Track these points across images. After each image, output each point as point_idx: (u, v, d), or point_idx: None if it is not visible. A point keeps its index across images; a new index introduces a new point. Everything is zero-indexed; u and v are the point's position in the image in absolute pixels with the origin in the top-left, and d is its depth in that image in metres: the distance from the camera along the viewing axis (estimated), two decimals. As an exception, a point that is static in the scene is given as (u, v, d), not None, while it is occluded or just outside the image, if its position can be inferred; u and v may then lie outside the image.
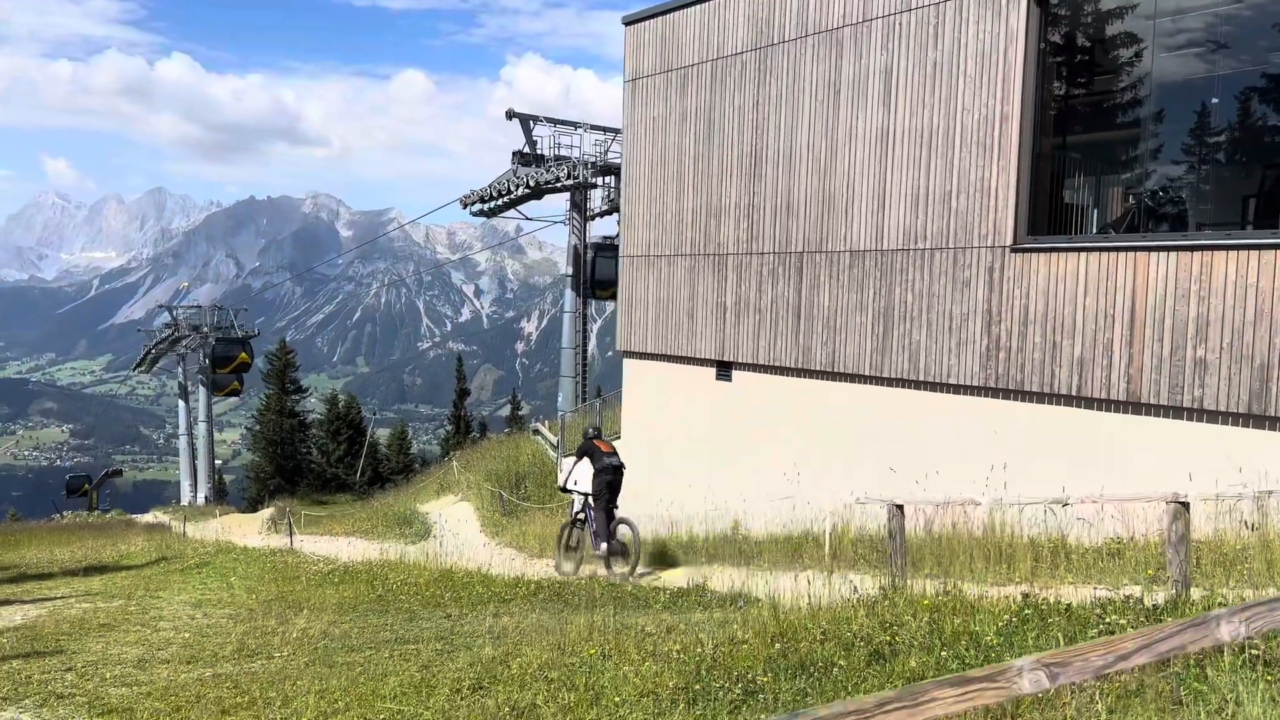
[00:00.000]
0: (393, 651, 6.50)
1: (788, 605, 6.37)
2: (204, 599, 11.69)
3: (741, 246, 16.49)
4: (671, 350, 17.84)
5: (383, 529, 24.27)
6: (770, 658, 5.15)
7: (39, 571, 17.04)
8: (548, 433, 31.34)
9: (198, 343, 54.30)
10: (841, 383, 15.11)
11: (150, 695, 5.53)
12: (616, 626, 6.20)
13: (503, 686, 5.15)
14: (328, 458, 55.25)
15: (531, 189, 34.11)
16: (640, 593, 9.67)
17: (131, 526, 33.62)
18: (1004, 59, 13.28)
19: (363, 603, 10.60)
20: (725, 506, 15.05)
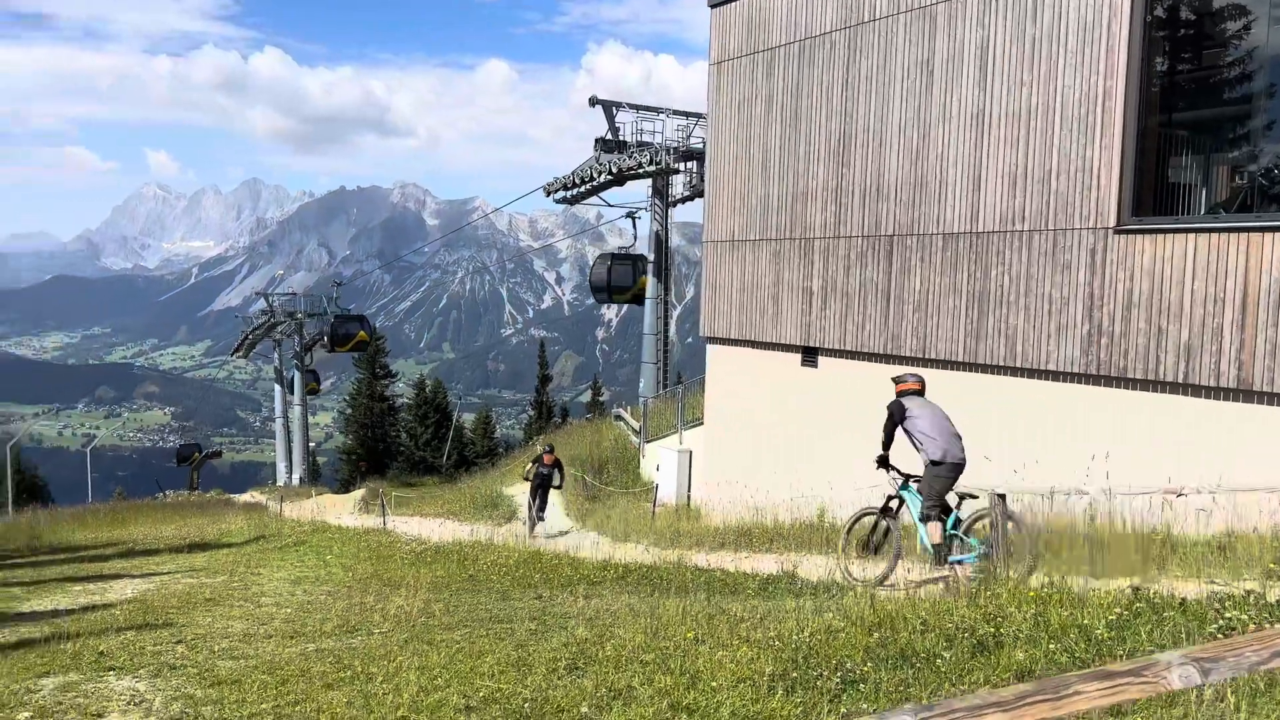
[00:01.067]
0: (488, 630, 6.58)
1: (884, 594, 6.24)
2: (303, 576, 12.05)
3: (829, 230, 16.22)
4: (755, 336, 17.67)
5: (470, 511, 24.69)
6: (869, 647, 5.04)
7: (146, 548, 17.80)
8: (630, 418, 31.44)
9: (292, 329, 56.04)
10: (933, 369, 14.75)
11: (257, 668, 5.71)
12: (709, 612, 6.16)
13: (598, 667, 5.16)
14: (415, 441, 56.56)
15: (614, 175, 34.13)
16: (730, 579, 9.61)
17: (230, 506, 34.88)
18: (1107, 33, 12.75)
19: (455, 582, 10.78)
20: (812, 494, 14.86)
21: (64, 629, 7.21)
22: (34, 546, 19.58)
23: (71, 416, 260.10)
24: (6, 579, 12.23)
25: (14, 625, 7.85)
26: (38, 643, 6.62)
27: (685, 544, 14.44)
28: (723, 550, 13.26)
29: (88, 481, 53.29)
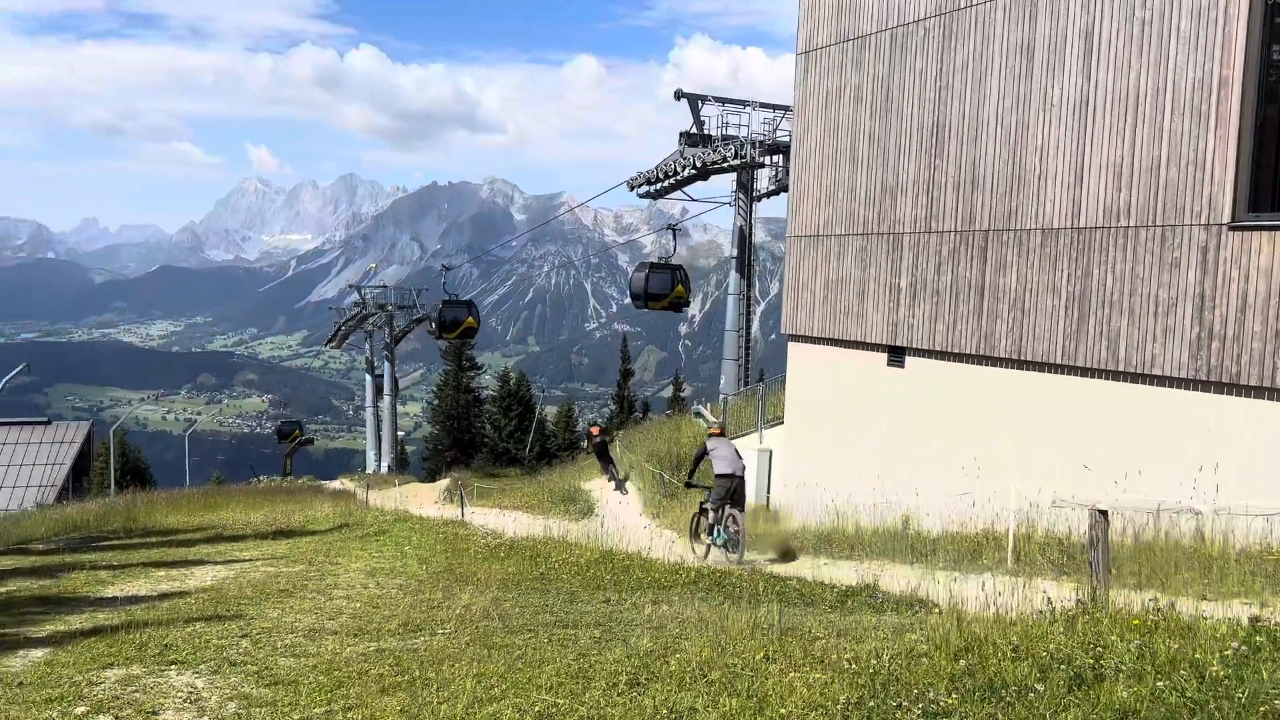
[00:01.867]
0: (551, 636, 6.37)
1: (972, 615, 5.81)
2: (378, 568, 12.08)
3: (919, 225, 15.62)
4: (840, 334, 17.15)
5: (548, 505, 24.70)
6: (955, 675, 4.65)
7: (233, 533, 18.17)
8: (710, 415, 31.06)
9: (383, 321, 57.23)
10: (1028, 371, 14.07)
11: (315, 668, 5.60)
12: (781, 626, 5.83)
13: (660, 685, 4.89)
14: (499, 432, 57.24)
15: (698, 169, 33.76)
16: (805, 589, 9.23)
17: (320, 492, 35.64)
18: (1223, 16, 11.92)
19: (525, 580, 10.64)
20: (896, 499, 14.33)
21: (137, 617, 7.27)
22: (129, 529, 20.23)
23: (175, 402, 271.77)
24: (96, 561, 12.56)
25: (93, 611, 7.97)
26: (110, 631, 6.67)
27: (761, 547, 14.08)
28: (801, 555, 12.87)
29: (185, 465, 55.34)
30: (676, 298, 33.15)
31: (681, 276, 34.16)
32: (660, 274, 33.96)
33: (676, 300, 34.45)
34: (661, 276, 33.85)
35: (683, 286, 35.33)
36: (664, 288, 33.68)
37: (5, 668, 5.77)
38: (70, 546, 16.33)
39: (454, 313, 42.74)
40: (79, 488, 35.69)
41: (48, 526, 21.51)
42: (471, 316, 42.70)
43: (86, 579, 10.43)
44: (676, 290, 34.08)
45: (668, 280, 34.00)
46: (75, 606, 8.28)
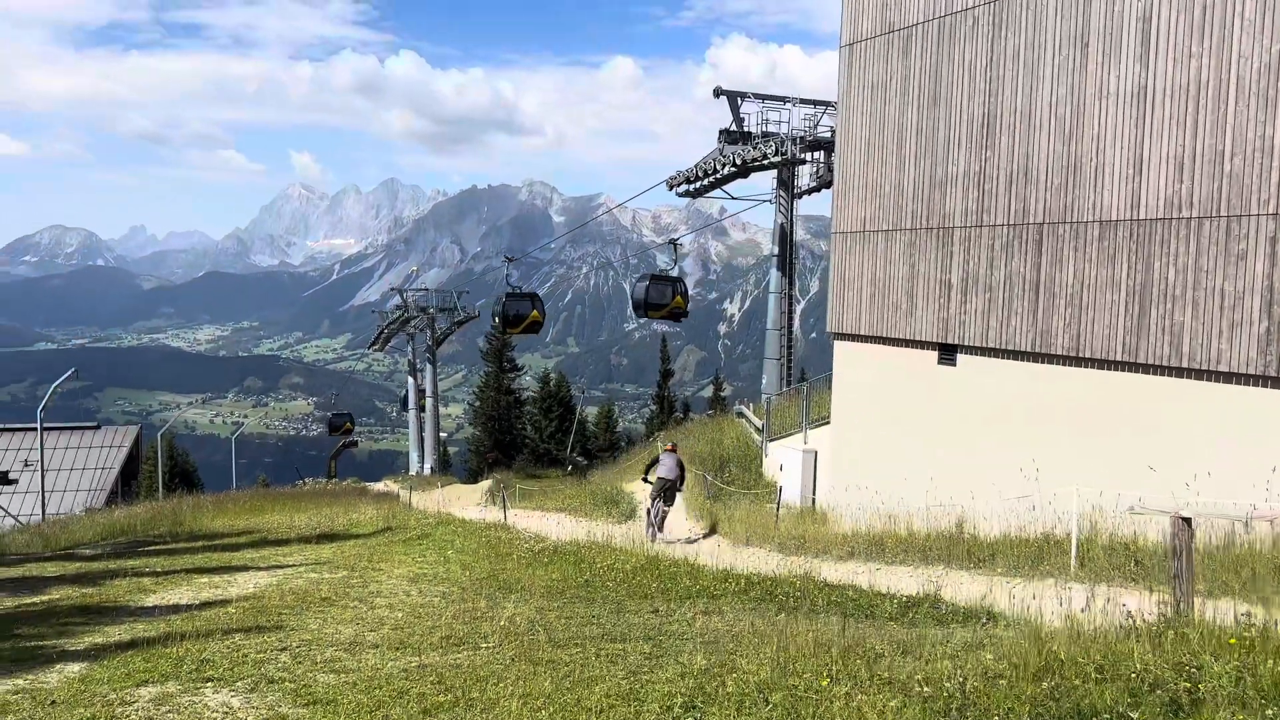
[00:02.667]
0: (599, 651, 6.10)
1: (1046, 629, 5.44)
2: (421, 574, 11.91)
3: (970, 219, 15.14)
4: (888, 332, 16.71)
5: (590, 507, 24.46)
6: (1036, 699, 4.30)
7: (278, 538, 18.16)
8: (752, 415, 30.67)
9: (424, 323, 57.50)
10: (1087, 368, 13.56)
11: (355, 686, 5.38)
12: (844, 643, 5.50)
13: (718, 709, 4.59)
14: (540, 433, 57.21)
15: (737, 167, 33.37)
16: (863, 599, 8.86)
17: (364, 494, 35.80)
18: (1291, -4, 11.39)
19: (570, 587, 10.40)
20: (950, 502, 13.87)
21: (177, 628, 7.12)
22: (175, 533, 20.35)
23: (222, 405, 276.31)
24: (140, 568, 12.55)
25: (133, 621, 7.86)
26: (148, 644, 6.51)
27: (811, 551, 13.70)
28: (853, 560, 12.47)
29: (231, 468, 56.01)
30: (675, 308, 34.10)
31: (681, 289, 34.92)
32: (659, 285, 34.73)
33: (675, 310, 35.60)
34: (660, 288, 34.64)
35: (681, 298, 35.83)
36: (663, 298, 34.89)
37: (40, 684, 5.63)
38: (116, 551, 16.40)
39: (517, 306, 39.96)
40: (128, 491, 36.15)
41: (95, 531, 21.72)
42: (536, 310, 39.47)
43: (129, 586, 10.37)
44: (675, 301, 35.27)
45: (667, 291, 35.09)
46: (115, 616, 8.17)
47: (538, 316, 38.84)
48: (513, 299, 39.61)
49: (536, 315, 38.71)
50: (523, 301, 39.18)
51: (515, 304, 39.35)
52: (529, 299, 40.18)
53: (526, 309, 39.16)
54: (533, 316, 38.80)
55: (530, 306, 39.96)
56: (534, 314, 38.59)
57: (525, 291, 40.67)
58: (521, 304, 39.83)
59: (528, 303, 39.84)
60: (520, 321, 39.16)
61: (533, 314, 38.56)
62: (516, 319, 39.39)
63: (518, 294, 39.87)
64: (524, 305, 38.89)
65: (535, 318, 38.94)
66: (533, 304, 39.66)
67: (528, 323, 38.94)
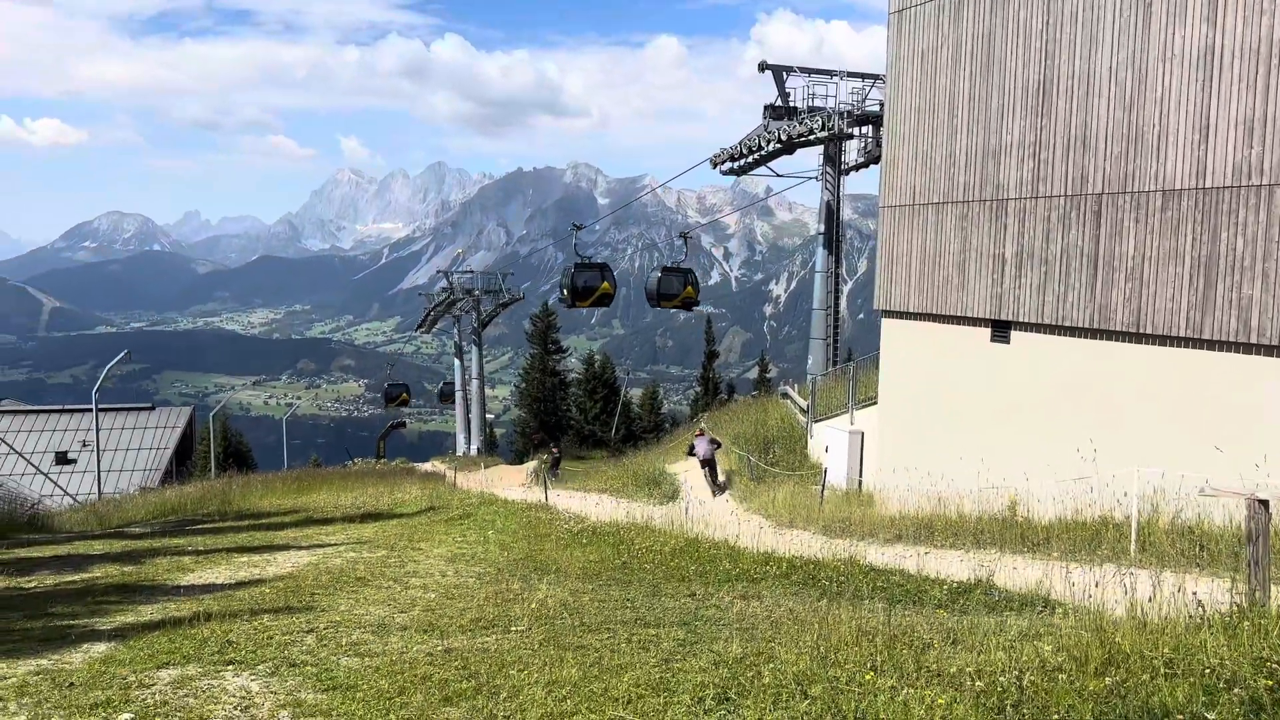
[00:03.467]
0: (630, 636, 5.85)
1: (1109, 619, 5.07)
2: (460, 554, 11.78)
3: (1025, 190, 14.57)
4: (938, 309, 16.21)
5: (632, 488, 24.27)
6: (1100, 697, 3.96)
7: (323, 517, 18.24)
8: (797, 396, 30.24)
9: (470, 305, 57.67)
10: (1148, 345, 12.98)
11: (378, 671, 5.19)
12: (889, 632, 5.19)
13: (753, 701, 4.31)
14: (585, 415, 57.27)
15: (783, 143, 32.78)
16: (911, 584, 8.50)
17: (410, 474, 36.00)
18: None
19: (607, 569, 10.18)
20: (1002, 484, 13.41)
21: (208, 608, 7.02)
22: (224, 512, 20.56)
23: (276, 387, 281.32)
24: (183, 546, 12.59)
25: (166, 600, 7.80)
26: (175, 624, 6.41)
27: (856, 534, 13.34)
28: (900, 544, 12.09)
29: (284, 449, 56.82)
30: (686, 298, 34.84)
31: (691, 279, 35.20)
32: (671, 276, 35.38)
33: (686, 300, 35.74)
34: (671, 279, 35.25)
35: (691, 288, 35.51)
36: (674, 289, 35.39)
37: (64, 664, 5.53)
38: (164, 530, 16.56)
39: (586, 277, 37.15)
40: (182, 471, 36.75)
41: (147, 510, 22.04)
42: (607, 281, 36.50)
43: (168, 565, 10.36)
44: (686, 291, 35.49)
45: (678, 282, 35.33)
46: (150, 595, 8.12)
47: (608, 288, 36.14)
48: (581, 269, 36.17)
49: (607, 287, 36.03)
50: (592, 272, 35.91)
51: (584, 275, 35.97)
52: (598, 270, 36.41)
53: (596, 280, 36.53)
54: (603, 288, 36.14)
55: (600, 278, 36.51)
56: (604, 285, 35.87)
57: (595, 262, 37.79)
58: (590, 275, 37.05)
59: (597, 274, 36.37)
60: (590, 294, 36.38)
61: (603, 285, 35.88)
62: (585, 291, 36.61)
63: (587, 264, 36.66)
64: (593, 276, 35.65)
65: (606, 289, 36.24)
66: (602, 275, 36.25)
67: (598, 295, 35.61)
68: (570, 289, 35.98)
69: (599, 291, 36.51)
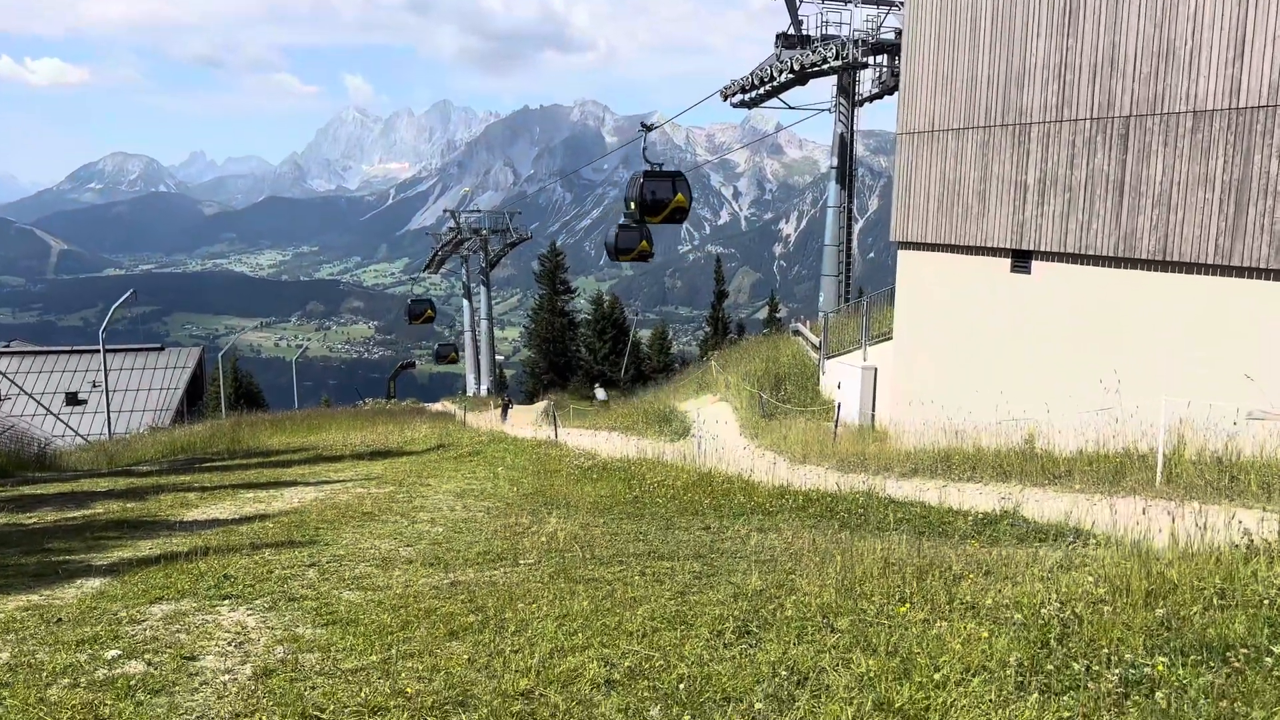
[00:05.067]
0: (644, 569, 5.61)
1: (1149, 550, 4.80)
2: (468, 489, 11.61)
3: (1049, 113, 14.01)
4: (957, 239, 15.75)
5: (643, 425, 24.10)
6: (1151, 629, 3.69)
7: (332, 454, 18.11)
8: (809, 333, 29.87)
9: (477, 245, 57.17)
10: (1175, 273, 12.55)
11: (380, 605, 4.97)
12: (917, 564, 4.92)
13: (775, 634, 4.07)
14: (594, 355, 57.06)
15: (796, 73, 31.92)
16: (934, 515, 8.25)
17: (421, 414, 35.91)
18: None
19: (618, 503, 9.97)
20: (1021, 417, 13.11)
21: (208, 543, 6.82)
22: (232, 450, 20.47)
23: (286, 329, 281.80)
24: (189, 483, 12.45)
25: (167, 536, 7.60)
26: (171, 559, 6.21)
27: (872, 469, 13.10)
28: (916, 478, 11.84)
29: (294, 389, 56.87)
30: (676, 207, 28.89)
31: (682, 185, 28.75)
32: (627, 232, 30.70)
33: (642, 253, 31.48)
34: (629, 234, 30.81)
35: (646, 242, 31.68)
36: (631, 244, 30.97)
37: (55, 600, 5.32)
38: (172, 468, 16.45)
39: (658, 188, 30.69)
40: (193, 412, 36.74)
41: (157, 448, 21.98)
42: (681, 193, 30.29)
43: (172, 501, 10.19)
44: (641, 245, 31.22)
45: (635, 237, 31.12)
46: (151, 531, 7.93)
47: (683, 201, 30.06)
48: (652, 179, 30.57)
49: (682, 199, 29.93)
50: (663, 182, 30.29)
51: (655, 185, 30.25)
52: (670, 180, 30.41)
53: (669, 192, 30.22)
54: (677, 201, 29.94)
55: (673, 189, 30.79)
56: (679, 198, 29.77)
57: (667, 170, 31.21)
58: (662, 185, 30.70)
59: (669, 184, 30.96)
60: (661, 208, 30.17)
61: (677, 198, 29.76)
62: (656, 205, 30.38)
63: (657, 173, 30.89)
64: (665, 187, 30.18)
65: (680, 202, 30.03)
66: (675, 186, 30.62)
67: (671, 209, 29.45)
68: (639, 202, 29.65)
69: (672, 205, 30.02)
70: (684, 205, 30.14)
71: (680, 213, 30.13)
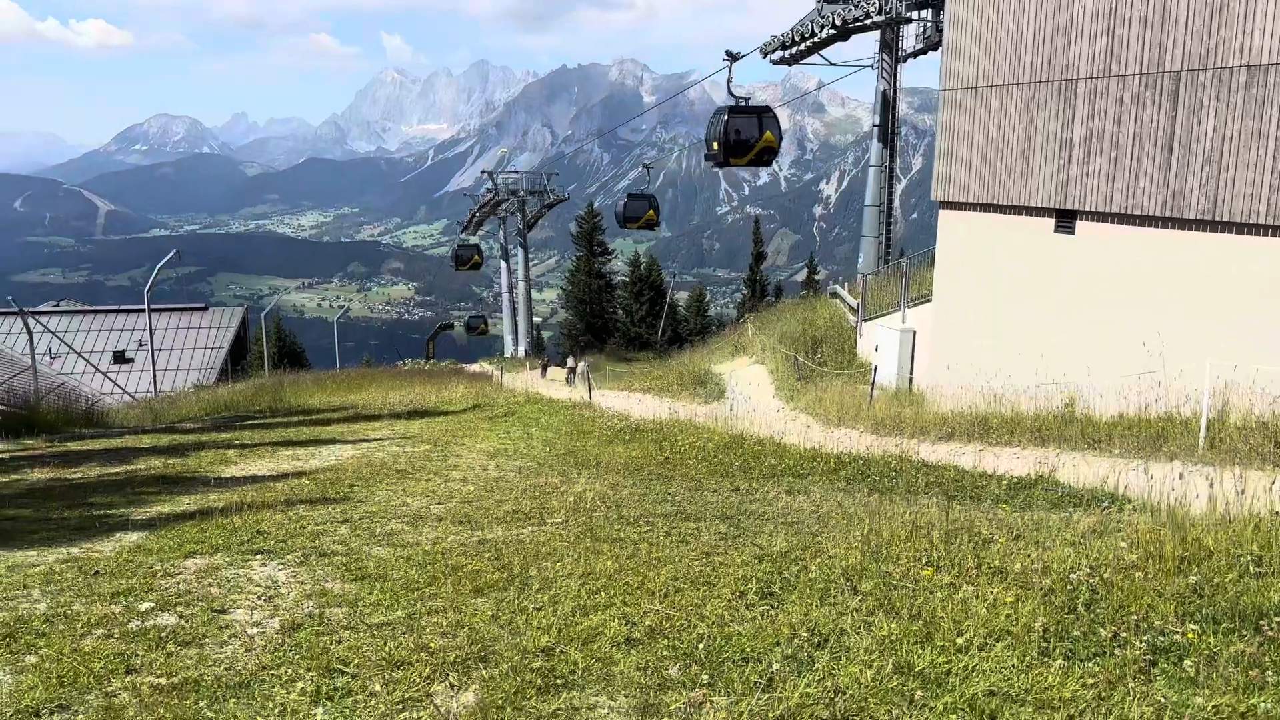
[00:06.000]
0: (670, 529, 5.62)
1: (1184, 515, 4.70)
2: (501, 449, 11.70)
3: (1097, 69, 13.60)
4: (999, 199, 15.42)
5: (677, 387, 24.09)
6: (1183, 596, 3.62)
7: (370, 413, 18.33)
8: (847, 295, 29.56)
9: (515, 207, 57.16)
10: (1225, 234, 12.20)
11: (409, 561, 5.03)
12: (945, 528, 4.87)
13: (798, 596, 4.05)
14: (631, 317, 57.01)
15: (837, 29, 31.29)
16: (966, 479, 8.16)
17: (459, 374, 36.24)
18: None
19: (649, 465, 9.99)
20: (1062, 380, 12.89)
21: (244, 499, 6.94)
22: (275, 408, 20.79)
23: (328, 290, 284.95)
24: (230, 440, 12.67)
25: (205, 492, 7.75)
26: (209, 514, 6.33)
27: (907, 432, 12.99)
28: (953, 441, 11.72)
29: (336, 350, 57.59)
30: (765, 147, 26.44)
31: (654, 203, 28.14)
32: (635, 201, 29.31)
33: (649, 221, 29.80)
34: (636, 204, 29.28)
35: (653, 211, 30.16)
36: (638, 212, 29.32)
37: (94, 553, 5.45)
38: (215, 425, 16.75)
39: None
40: (238, 371, 37.36)
41: (200, 406, 22.38)
42: (770, 131, 28.05)
43: (212, 458, 10.38)
44: (648, 214, 29.55)
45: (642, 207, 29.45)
46: (189, 487, 8.09)
47: (771, 139, 27.69)
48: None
49: (770, 138, 27.55)
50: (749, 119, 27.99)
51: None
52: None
53: (754, 130, 27.80)
54: (765, 140, 27.50)
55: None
56: (767, 136, 27.38)
57: (753, 105, 28.95)
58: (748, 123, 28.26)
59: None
60: (747, 148, 28.08)
61: (765, 137, 27.32)
62: (741, 145, 28.31)
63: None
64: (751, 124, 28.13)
65: (769, 141, 27.63)
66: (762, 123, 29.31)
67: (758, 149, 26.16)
68: (722, 141, 27.20)
69: (760, 144, 27.35)
70: (773, 144, 27.52)
71: (769, 153, 27.58)
